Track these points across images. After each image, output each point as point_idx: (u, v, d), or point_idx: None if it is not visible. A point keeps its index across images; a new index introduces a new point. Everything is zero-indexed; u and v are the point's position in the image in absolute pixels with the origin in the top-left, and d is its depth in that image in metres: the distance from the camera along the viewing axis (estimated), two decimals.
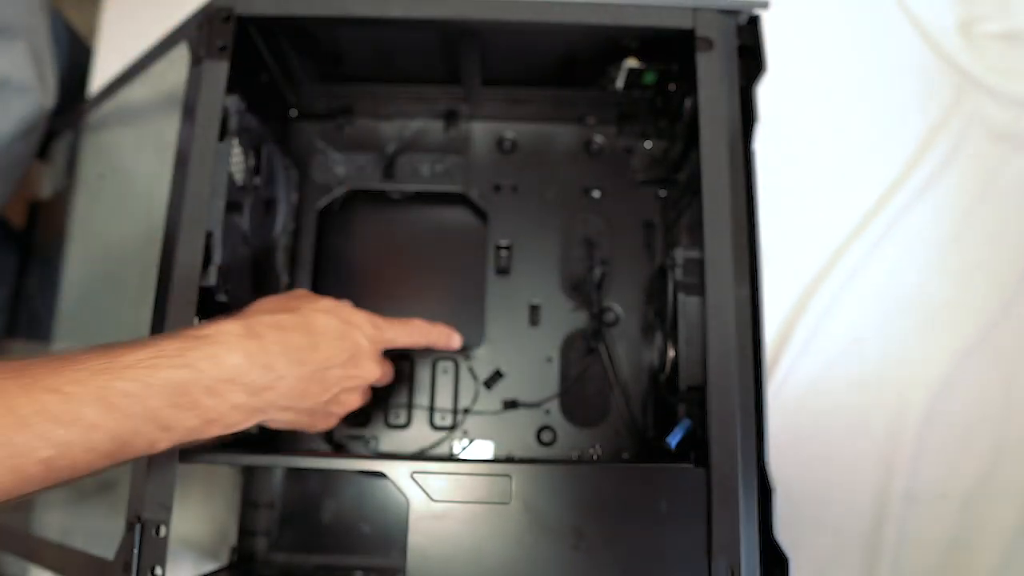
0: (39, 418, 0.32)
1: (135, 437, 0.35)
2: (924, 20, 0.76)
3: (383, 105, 0.67)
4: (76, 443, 0.33)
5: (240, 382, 0.39)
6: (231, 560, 0.62)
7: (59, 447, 0.33)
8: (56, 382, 0.34)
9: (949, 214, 0.72)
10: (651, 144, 0.67)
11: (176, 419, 0.37)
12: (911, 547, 0.65)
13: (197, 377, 0.37)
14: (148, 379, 0.36)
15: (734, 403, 0.43)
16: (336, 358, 0.45)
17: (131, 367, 0.36)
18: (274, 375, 0.41)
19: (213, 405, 0.38)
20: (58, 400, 0.33)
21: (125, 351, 0.36)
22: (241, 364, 0.39)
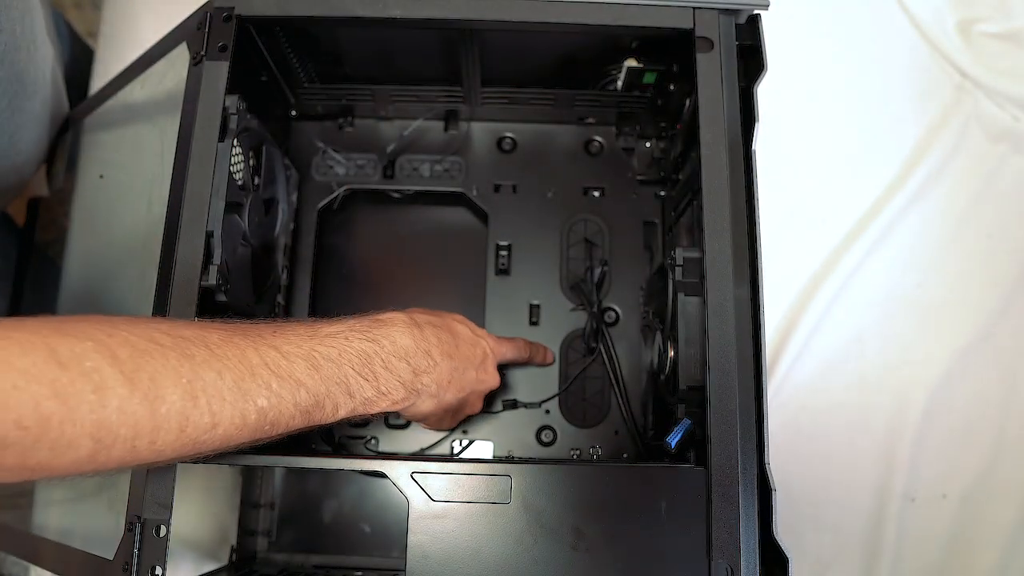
0: (263, 369, 0.38)
1: (327, 399, 0.41)
2: (924, 20, 0.76)
3: (383, 105, 0.67)
4: (286, 396, 0.38)
5: (408, 361, 0.46)
6: (231, 560, 0.62)
7: (272, 397, 0.38)
8: (276, 342, 0.39)
9: (948, 214, 0.72)
10: (651, 144, 0.67)
11: (358, 386, 0.42)
12: (911, 546, 0.65)
13: (379, 350, 0.44)
14: (344, 347, 0.42)
15: (734, 403, 0.43)
16: (472, 360, 0.52)
17: (331, 336, 0.42)
18: (431, 362, 0.47)
19: (386, 378, 0.44)
20: (278, 356, 0.39)
21: (325, 324, 0.43)
22: (410, 346, 0.46)
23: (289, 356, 0.39)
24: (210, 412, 0.36)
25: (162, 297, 0.45)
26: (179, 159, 0.47)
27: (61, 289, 0.65)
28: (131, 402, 0.33)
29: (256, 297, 0.58)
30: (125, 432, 0.33)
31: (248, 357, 0.38)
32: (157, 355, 0.34)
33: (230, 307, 0.55)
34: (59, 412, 0.31)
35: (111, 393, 0.32)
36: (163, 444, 0.35)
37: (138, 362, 0.34)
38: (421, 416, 0.50)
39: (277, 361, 0.39)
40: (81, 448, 0.32)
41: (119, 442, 0.33)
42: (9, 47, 0.56)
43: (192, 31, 0.50)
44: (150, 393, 0.34)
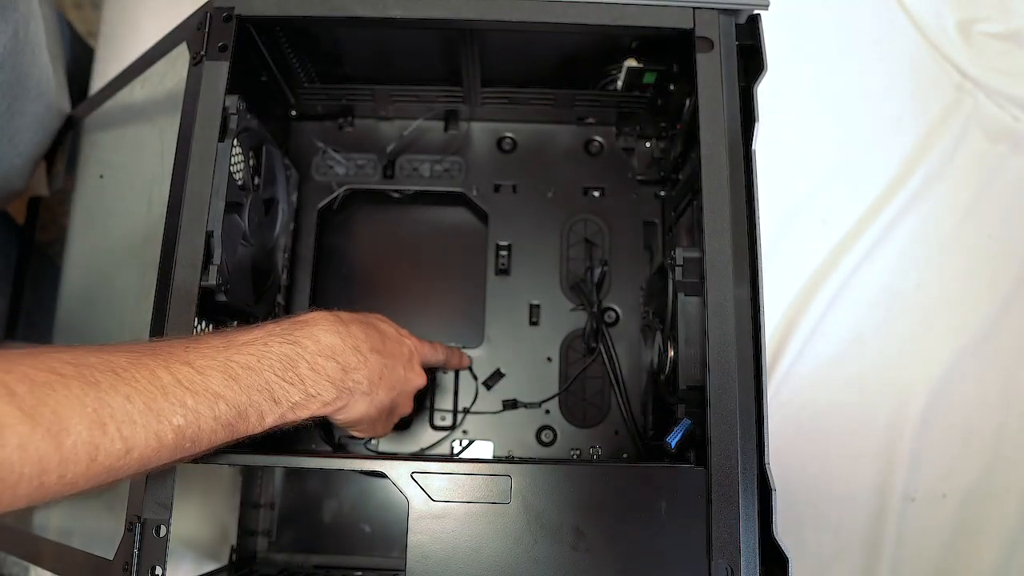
0: (176, 387, 0.37)
1: (249, 408, 0.40)
2: (924, 20, 0.76)
3: (383, 105, 0.67)
4: (203, 412, 0.37)
5: (336, 359, 0.44)
6: (231, 560, 0.62)
7: (190, 414, 0.37)
8: (189, 358, 0.38)
9: (948, 214, 0.72)
10: (651, 144, 0.67)
11: (284, 392, 0.41)
12: (911, 546, 0.65)
13: (301, 352, 0.42)
14: (263, 353, 0.41)
15: (734, 403, 0.43)
16: (399, 357, 0.51)
17: (248, 344, 0.41)
18: (360, 357, 0.46)
19: (313, 380, 0.43)
20: (191, 372, 0.38)
21: (242, 332, 0.42)
22: (336, 344, 0.44)
23: (203, 370, 0.38)
24: (121, 438, 0.34)
25: (162, 297, 0.45)
26: (179, 159, 0.47)
27: (61, 289, 0.66)
28: (33, 439, 0.32)
29: (256, 297, 0.58)
30: (29, 470, 0.32)
31: (159, 377, 0.36)
32: (59, 386, 0.33)
33: (230, 307, 0.55)
34: None
35: (9, 432, 0.31)
36: (73, 476, 0.33)
37: (38, 396, 0.32)
38: (355, 419, 0.48)
39: (191, 377, 0.37)
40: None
41: (24, 480, 0.32)
42: (11, 50, 0.56)
43: (192, 31, 0.50)
44: (53, 427, 0.32)
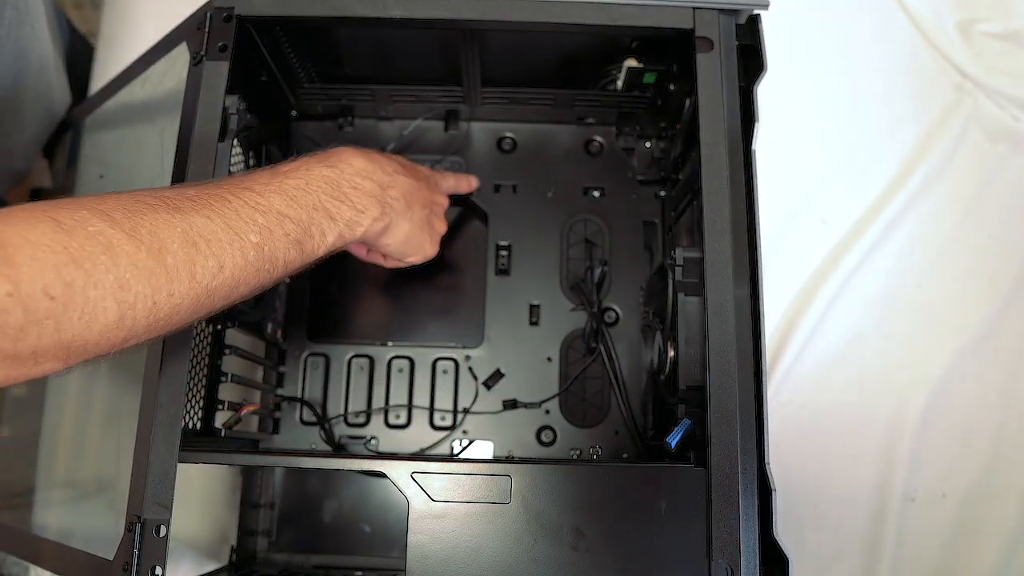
0: (245, 208, 0.40)
1: (312, 226, 0.43)
2: (924, 20, 0.76)
3: (383, 105, 0.67)
4: (274, 229, 0.41)
5: (370, 177, 0.48)
6: (231, 560, 0.62)
7: (263, 231, 0.40)
8: (246, 184, 0.42)
9: (949, 214, 0.72)
10: (651, 144, 0.67)
11: (336, 209, 0.45)
12: (911, 546, 0.65)
13: (340, 173, 0.46)
14: (308, 176, 0.44)
15: (734, 403, 0.43)
16: (420, 178, 0.54)
17: (292, 171, 0.44)
18: (390, 177, 0.50)
19: (357, 196, 0.46)
20: (254, 195, 0.41)
21: (282, 164, 0.45)
22: (366, 165, 0.48)
23: (264, 193, 0.41)
24: (212, 255, 0.38)
25: None
26: (179, 159, 0.47)
27: None
28: (139, 256, 0.35)
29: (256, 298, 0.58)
30: (142, 288, 0.35)
31: (228, 201, 0.40)
32: (148, 212, 0.36)
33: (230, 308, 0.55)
34: (80, 276, 0.33)
35: (119, 251, 0.34)
36: (180, 295, 0.37)
37: (134, 221, 0.35)
38: (402, 239, 0.52)
39: (255, 199, 0.41)
40: (108, 311, 0.34)
41: (140, 299, 0.35)
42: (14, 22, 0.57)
43: (192, 31, 0.50)
44: (153, 245, 0.35)
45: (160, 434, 0.43)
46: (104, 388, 0.56)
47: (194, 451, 0.44)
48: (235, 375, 0.55)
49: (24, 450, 0.65)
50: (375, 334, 0.66)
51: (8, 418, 0.71)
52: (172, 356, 0.44)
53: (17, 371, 0.33)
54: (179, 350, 0.44)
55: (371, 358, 0.65)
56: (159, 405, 0.43)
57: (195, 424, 0.51)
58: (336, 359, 0.66)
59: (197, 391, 0.51)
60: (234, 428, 0.55)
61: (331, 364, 0.65)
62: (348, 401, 0.65)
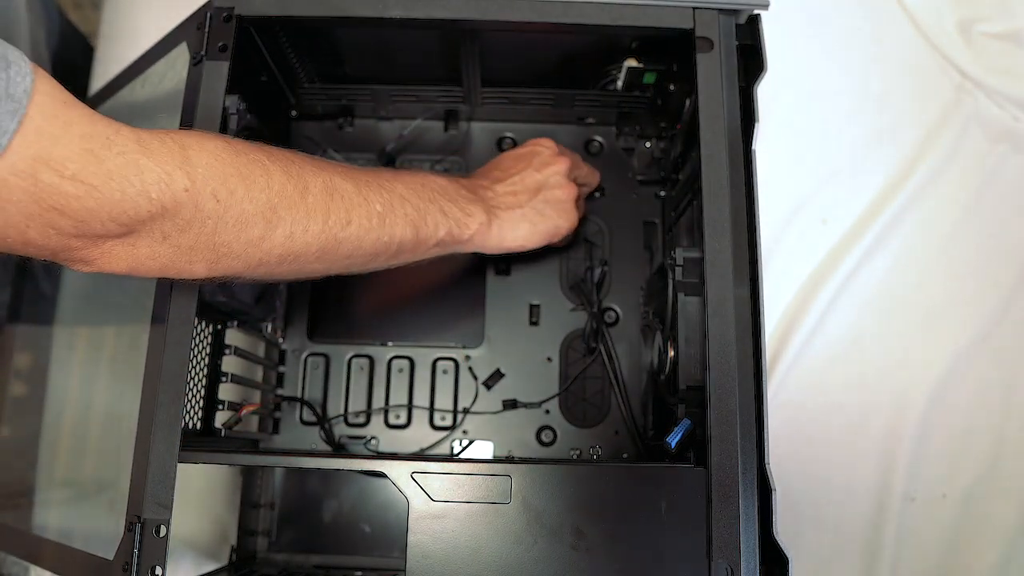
0: (374, 183, 0.45)
1: (427, 215, 0.47)
2: (924, 20, 0.76)
3: (383, 105, 0.67)
4: (396, 205, 0.45)
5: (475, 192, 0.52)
6: (231, 560, 0.62)
7: (386, 204, 0.45)
8: (374, 170, 0.47)
9: (949, 214, 0.72)
10: (651, 144, 0.67)
11: (448, 208, 0.49)
12: (911, 546, 0.65)
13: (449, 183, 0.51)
14: (424, 179, 0.49)
15: (734, 403, 0.43)
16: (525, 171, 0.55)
17: (413, 173, 0.50)
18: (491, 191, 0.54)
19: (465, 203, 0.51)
20: (379, 176, 0.46)
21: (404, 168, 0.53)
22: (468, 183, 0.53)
23: (389, 179, 0.46)
24: (344, 208, 0.42)
25: (162, 297, 0.45)
26: None
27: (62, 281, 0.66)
28: (288, 188, 0.40)
29: (256, 298, 0.58)
30: (285, 214, 0.39)
31: (361, 175, 0.45)
32: (297, 160, 0.42)
33: (230, 307, 0.55)
34: (241, 188, 0.38)
35: (274, 179, 0.39)
36: (312, 234, 0.41)
37: (286, 161, 0.41)
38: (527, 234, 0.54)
39: (381, 180, 0.46)
40: (255, 226, 0.38)
41: (281, 224, 0.39)
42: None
43: (192, 31, 0.50)
44: (299, 184, 0.40)
45: (160, 434, 0.43)
46: (104, 388, 0.56)
47: (194, 451, 0.44)
48: (235, 375, 0.55)
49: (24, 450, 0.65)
50: (375, 334, 0.66)
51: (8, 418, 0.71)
52: (172, 356, 0.44)
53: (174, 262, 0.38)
54: (179, 350, 0.44)
55: (371, 358, 0.65)
56: (159, 405, 0.43)
57: (195, 424, 0.51)
58: (336, 359, 0.66)
59: (197, 391, 0.51)
60: (234, 428, 0.55)
61: (331, 364, 0.65)
62: (348, 401, 0.65)
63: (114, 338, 0.57)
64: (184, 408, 0.44)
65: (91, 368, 0.59)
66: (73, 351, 0.63)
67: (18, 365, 0.70)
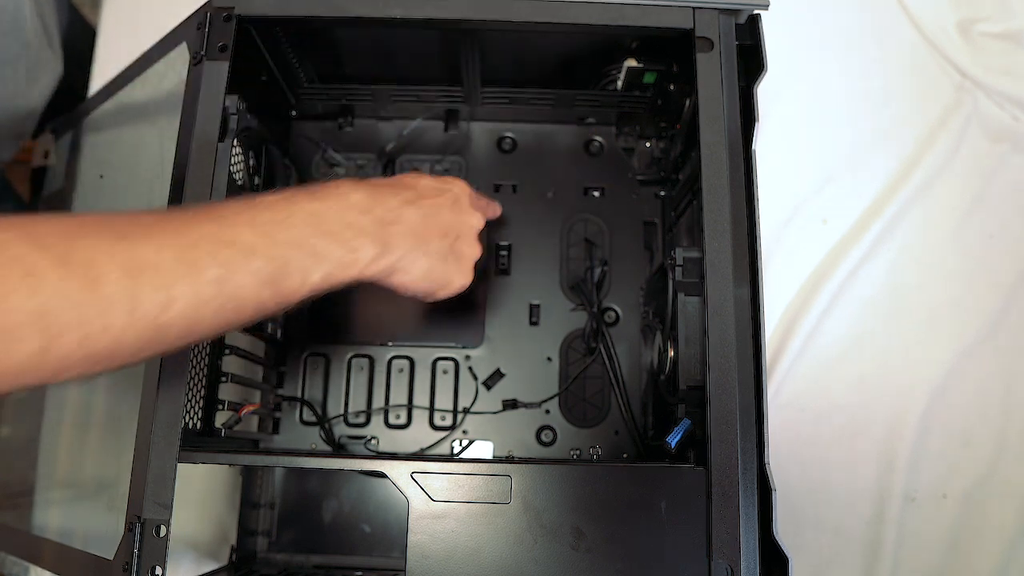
0: (205, 241, 0.36)
1: (289, 264, 0.38)
2: (924, 20, 0.76)
3: (383, 105, 0.67)
4: (239, 266, 0.36)
5: (368, 213, 0.43)
6: (231, 560, 0.62)
7: (223, 268, 0.36)
8: (212, 215, 0.37)
9: (949, 214, 0.72)
10: (651, 144, 0.67)
11: (323, 248, 0.40)
12: (911, 547, 0.65)
13: (329, 207, 0.41)
14: (289, 209, 0.40)
15: (734, 403, 0.43)
16: (440, 204, 0.48)
17: (272, 204, 0.39)
18: (395, 213, 0.44)
19: (350, 235, 0.41)
20: (218, 227, 0.37)
21: (263, 195, 0.40)
22: (364, 199, 0.43)
23: (231, 225, 0.37)
24: (157, 289, 0.34)
25: None
26: (179, 159, 0.47)
27: None
28: (68, 284, 0.32)
29: None
30: (69, 318, 0.32)
31: (186, 231, 0.36)
32: (87, 237, 0.33)
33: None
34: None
35: (43, 278, 0.31)
36: (118, 330, 0.33)
37: (69, 246, 0.32)
38: (420, 276, 0.46)
39: (217, 231, 0.37)
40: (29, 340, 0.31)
41: (68, 330, 0.32)
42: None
43: (192, 31, 0.50)
44: (88, 274, 0.32)
45: (160, 434, 0.43)
46: (104, 388, 0.56)
47: (194, 451, 0.44)
48: (235, 375, 0.55)
49: (24, 450, 0.65)
50: (375, 334, 0.66)
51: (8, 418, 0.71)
52: (172, 356, 0.44)
53: None
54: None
55: (371, 358, 0.65)
56: (159, 405, 0.43)
57: (195, 424, 0.51)
58: (336, 359, 0.66)
59: (197, 391, 0.51)
60: (234, 428, 0.55)
61: (331, 364, 0.65)
62: (348, 401, 0.65)
63: None
64: (184, 408, 0.44)
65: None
66: None
67: None
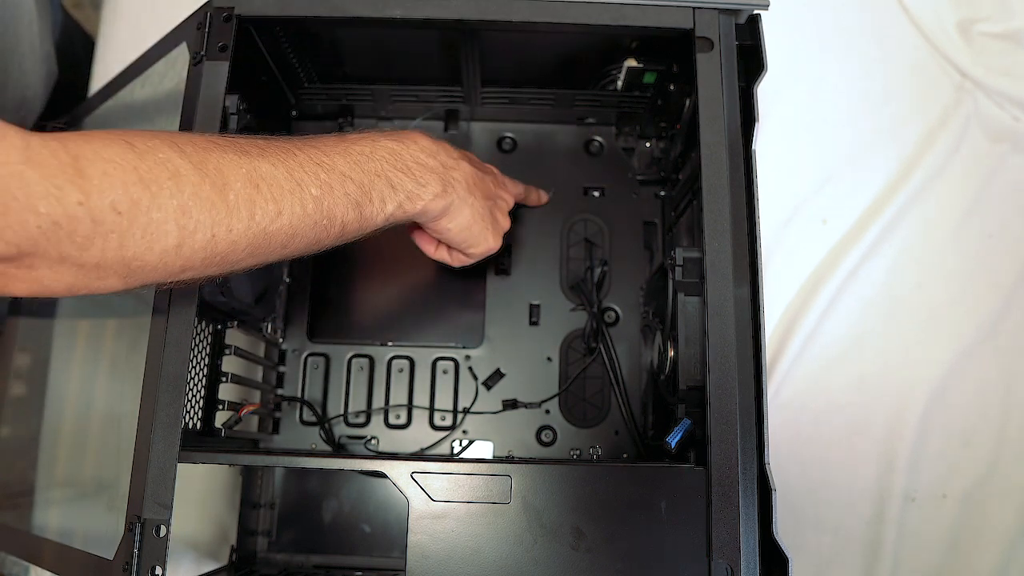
0: (309, 163, 0.41)
1: (372, 191, 0.44)
2: (924, 20, 0.76)
3: (383, 105, 0.67)
4: (335, 186, 0.42)
5: (434, 156, 0.48)
6: (231, 560, 0.62)
7: (324, 186, 0.41)
8: (314, 143, 0.43)
9: (949, 214, 0.72)
10: (651, 144, 0.67)
11: (398, 178, 0.45)
12: (911, 547, 0.65)
13: (406, 148, 0.47)
14: (373, 145, 0.45)
15: (734, 403, 0.43)
16: (486, 171, 0.54)
17: (359, 140, 0.45)
18: (455, 161, 0.50)
19: (419, 171, 0.47)
20: (319, 153, 0.42)
21: (350, 134, 0.46)
22: (432, 147, 0.49)
23: (329, 153, 0.43)
24: (272, 199, 0.39)
25: (162, 297, 0.45)
26: None
27: None
28: (203, 187, 0.36)
29: (256, 298, 0.58)
30: (202, 217, 0.36)
31: (293, 153, 0.41)
32: (216, 150, 0.38)
33: (230, 307, 0.55)
34: (145, 197, 0.34)
35: (185, 180, 0.36)
36: (237, 232, 0.38)
37: (202, 155, 0.37)
38: (464, 224, 0.51)
39: (319, 157, 0.42)
40: (169, 235, 0.35)
41: (200, 228, 0.36)
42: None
43: (192, 31, 0.50)
44: (217, 180, 0.37)
45: (160, 434, 0.43)
46: (104, 388, 0.56)
47: (194, 451, 0.44)
48: (235, 375, 0.55)
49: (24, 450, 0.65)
50: (375, 334, 0.66)
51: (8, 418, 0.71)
52: (172, 356, 0.44)
53: (81, 281, 0.35)
54: (179, 350, 0.44)
55: (371, 358, 0.65)
56: (159, 405, 0.43)
57: (195, 424, 0.51)
58: (336, 359, 0.66)
59: (197, 391, 0.51)
60: (234, 428, 0.55)
61: (331, 364, 0.65)
62: (348, 401, 0.65)
63: (114, 338, 0.57)
64: (184, 408, 0.44)
65: (91, 368, 0.59)
66: (73, 351, 0.63)
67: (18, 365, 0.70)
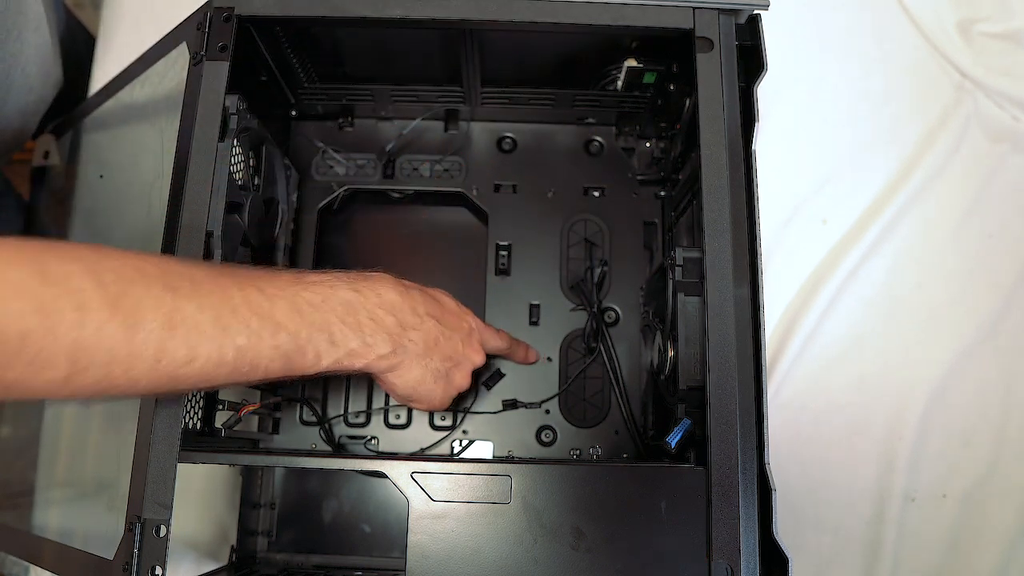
0: (244, 308, 0.39)
1: (307, 345, 0.41)
2: (924, 20, 0.76)
3: (383, 105, 0.67)
4: (265, 337, 0.39)
5: (395, 315, 0.46)
6: (231, 560, 0.62)
7: (252, 336, 0.39)
8: (260, 284, 0.40)
9: (949, 214, 0.72)
10: (651, 144, 0.67)
11: (342, 336, 0.43)
12: (911, 547, 0.65)
13: (363, 301, 0.44)
14: (329, 294, 0.43)
15: (734, 403, 0.43)
16: (457, 329, 0.51)
17: (316, 284, 0.43)
18: (418, 319, 0.47)
19: (372, 329, 0.44)
20: (260, 297, 0.39)
21: (311, 273, 0.44)
22: (396, 300, 0.46)
23: (272, 298, 0.40)
24: (187, 345, 0.36)
25: None
26: (179, 159, 0.47)
27: None
28: (110, 326, 0.34)
29: None
30: (101, 356, 0.34)
31: (230, 295, 0.38)
32: (141, 284, 0.35)
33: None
34: (40, 328, 0.32)
35: (92, 315, 0.33)
36: (138, 373, 0.35)
37: (123, 288, 0.34)
38: (411, 384, 0.48)
39: (259, 301, 0.39)
40: (58, 368, 0.33)
41: (94, 367, 0.34)
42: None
43: (192, 31, 0.50)
44: (129, 319, 0.34)
45: (160, 434, 0.43)
46: None
47: (194, 451, 0.44)
48: None
49: (24, 450, 0.65)
50: None
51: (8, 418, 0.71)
52: None
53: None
54: None
55: None
56: (159, 405, 0.43)
57: (195, 424, 0.51)
58: None
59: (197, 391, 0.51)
60: (234, 428, 0.55)
61: None
62: (348, 401, 0.65)
63: None
64: (184, 408, 0.44)
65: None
66: None
67: None
